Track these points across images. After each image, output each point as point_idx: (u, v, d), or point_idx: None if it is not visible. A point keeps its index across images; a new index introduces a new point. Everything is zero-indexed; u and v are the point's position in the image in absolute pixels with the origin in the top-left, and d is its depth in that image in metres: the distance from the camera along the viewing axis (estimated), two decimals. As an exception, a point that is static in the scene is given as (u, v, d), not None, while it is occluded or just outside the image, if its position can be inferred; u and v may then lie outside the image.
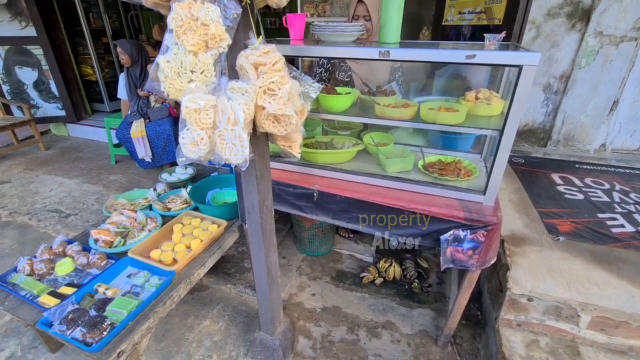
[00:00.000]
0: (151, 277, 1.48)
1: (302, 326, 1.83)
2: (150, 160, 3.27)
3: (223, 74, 1.09)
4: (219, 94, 1.02)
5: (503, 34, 1.25)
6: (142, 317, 1.32)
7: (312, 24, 1.52)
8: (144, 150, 3.21)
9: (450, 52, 1.17)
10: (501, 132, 1.21)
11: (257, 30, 1.13)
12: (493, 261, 1.39)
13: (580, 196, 2.16)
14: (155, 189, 2.13)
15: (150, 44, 4.76)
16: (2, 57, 4.13)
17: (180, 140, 1.02)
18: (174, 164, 3.23)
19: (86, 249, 1.66)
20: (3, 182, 3.41)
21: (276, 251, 1.50)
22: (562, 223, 1.87)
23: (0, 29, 3.98)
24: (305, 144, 1.74)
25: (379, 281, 2.12)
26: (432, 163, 1.60)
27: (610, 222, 1.87)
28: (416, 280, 2.09)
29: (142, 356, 1.41)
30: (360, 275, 2.17)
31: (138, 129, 3.16)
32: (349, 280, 2.16)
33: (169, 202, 2.01)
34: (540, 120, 2.78)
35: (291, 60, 2.11)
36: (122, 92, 3.42)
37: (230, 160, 1.03)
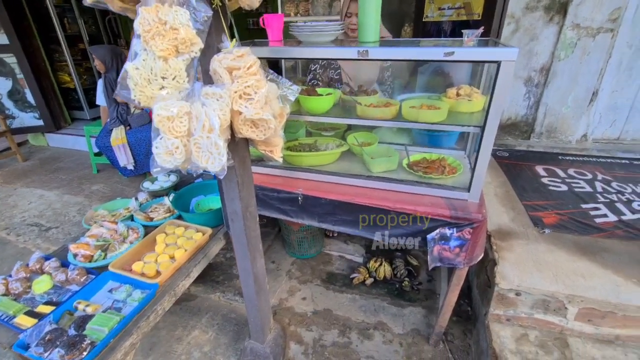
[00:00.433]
0: (133, 291, 1.43)
1: (293, 331, 1.80)
2: (132, 168, 3.19)
3: (197, 79, 1.06)
4: (193, 100, 0.99)
5: (481, 30, 1.24)
6: (124, 333, 1.27)
7: (290, 24, 1.49)
8: (125, 158, 3.13)
9: (429, 49, 1.16)
10: (482, 128, 1.20)
11: (231, 33, 1.10)
12: (480, 257, 1.39)
13: (564, 187, 2.18)
14: (137, 199, 2.07)
15: (130, 48, 4.64)
16: (-28, 67, 3.98)
17: (153, 150, 0.98)
18: (158, 171, 3.14)
19: (65, 264, 1.60)
20: (-21, 197, 3.28)
21: (262, 257, 1.47)
22: (547, 215, 1.89)
23: (-31, 38, 3.83)
24: (288, 147, 1.71)
25: (369, 281, 2.10)
26: (417, 161, 1.59)
27: (593, 213, 1.90)
28: (406, 279, 2.08)
29: (128, 373, 1.36)
30: (351, 277, 2.15)
31: (118, 137, 3.08)
32: (340, 281, 2.14)
33: (151, 211, 1.95)
34: (523, 113, 2.80)
35: (274, 62, 2.08)
36: (101, 98, 3.32)
37: (208, 169, 1.00)
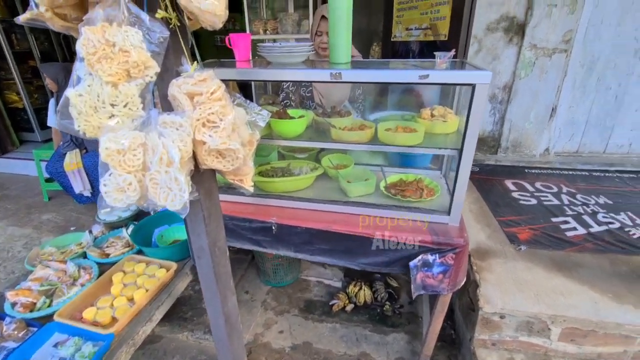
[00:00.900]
0: (84, 345, 1.24)
1: (270, 371, 1.66)
2: (89, 195, 2.93)
3: (154, 105, 0.95)
4: (149, 130, 0.87)
5: (452, 52, 1.23)
6: (71, 398, 1.09)
7: (258, 44, 1.42)
8: (81, 184, 2.87)
9: (404, 72, 1.12)
10: (460, 151, 1.18)
11: (193, 55, 1.00)
12: (463, 282, 1.35)
13: (534, 201, 2.23)
14: (91, 232, 1.87)
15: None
16: None
17: (101, 188, 0.85)
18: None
19: (0, 317, 1.38)
20: None
21: (234, 294, 1.34)
22: (521, 231, 1.90)
23: None
24: (259, 172, 1.61)
25: (349, 308, 2.01)
26: (394, 183, 1.54)
27: (564, 226, 1.94)
28: (387, 303, 2.01)
29: None
30: (330, 303, 2.05)
31: (73, 161, 2.82)
32: (319, 310, 2.03)
33: (107, 246, 1.76)
34: (490, 129, 2.89)
35: (242, 84, 1.99)
36: (52, 119, 3.05)
37: (167, 207, 0.88)
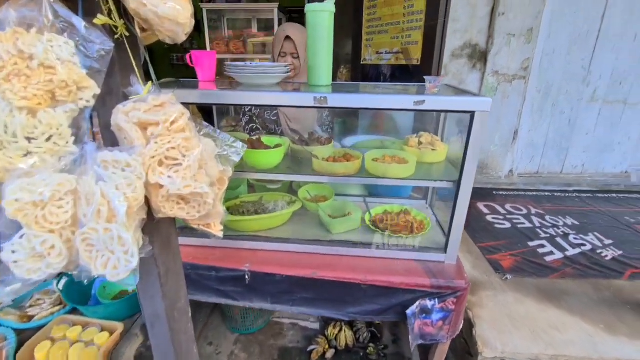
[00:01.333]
0: None
1: None
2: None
3: (93, 138, 0.72)
4: (83, 171, 0.65)
5: (442, 77, 1.15)
6: None
7: (226, 63, 1.24)
8: None
9: (398, 97, 1.01)
10: (458, 184, 1.07)
11: (147, 73, 0.80)
12: (461, 327, 1.22)
13: (508, 224, 2.22)
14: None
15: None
16: None
17: (4, 256, 0.60)
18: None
19: None
20: None
21: (198, 363, 1.09)
22: (503, 258, 1.85)
23: None
24: (228, 207, 1.39)
25: (330, 353, 1.80)
26: (380, 216, 1.41)
27: (541, 250, 1.92)
28: (370, 344, 1.83)
29: None
30: (308, 350, 1.82)
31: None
32: (296, 359, 1.79)
33: (30, 305, 1.39)
34: (458, 151, 2.93)
35: (202, 107, 1.77)
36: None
37: (107, 276, 0.64)
